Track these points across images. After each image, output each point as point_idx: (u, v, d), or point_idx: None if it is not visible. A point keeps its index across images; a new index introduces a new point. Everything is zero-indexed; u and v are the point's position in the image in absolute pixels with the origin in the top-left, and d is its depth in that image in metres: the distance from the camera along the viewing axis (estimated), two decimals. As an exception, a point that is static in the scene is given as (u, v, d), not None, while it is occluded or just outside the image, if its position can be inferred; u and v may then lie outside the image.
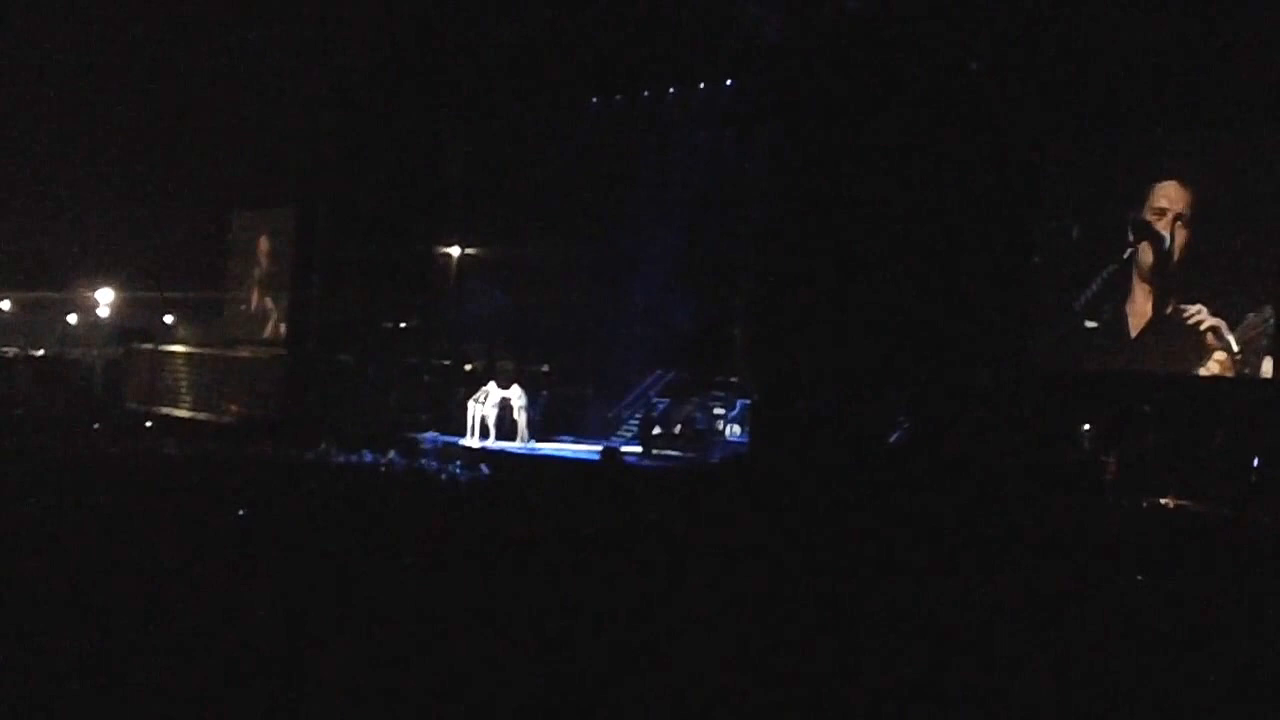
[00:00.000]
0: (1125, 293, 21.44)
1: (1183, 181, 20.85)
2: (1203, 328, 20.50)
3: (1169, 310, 20.95)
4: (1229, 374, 20.24)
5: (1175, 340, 20.83)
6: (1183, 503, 18.72)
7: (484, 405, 27.05)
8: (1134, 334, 21.35)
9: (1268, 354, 19.93)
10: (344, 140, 32.88)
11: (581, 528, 16.10)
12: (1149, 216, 21.13)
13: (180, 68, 34.91)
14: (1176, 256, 20.91)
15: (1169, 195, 20.95)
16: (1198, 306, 20.58)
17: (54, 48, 37.04)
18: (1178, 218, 20.86)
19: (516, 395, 27.10)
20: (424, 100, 31.57)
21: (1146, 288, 21.23)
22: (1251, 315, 20.11)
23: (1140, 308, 21.30)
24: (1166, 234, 20.94)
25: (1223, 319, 20.32)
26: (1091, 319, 21.74)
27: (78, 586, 10.44)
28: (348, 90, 32.11)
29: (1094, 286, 21.72)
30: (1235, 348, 20.19)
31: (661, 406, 27.29)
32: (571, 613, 10.66)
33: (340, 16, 31.81)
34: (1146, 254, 21.16)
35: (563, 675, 8.74)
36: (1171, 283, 20.95)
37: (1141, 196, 21.17)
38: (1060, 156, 22.40)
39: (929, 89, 21.84)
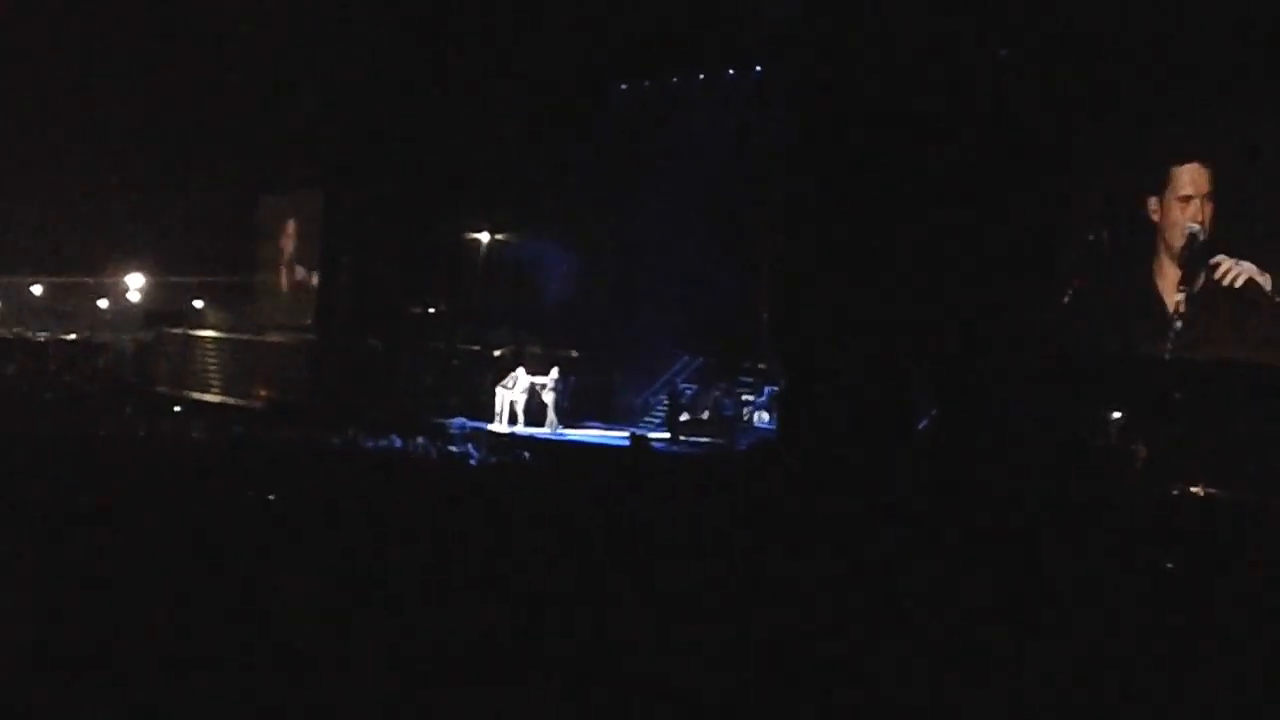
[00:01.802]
0: (1154, 271, 21.82)
1: (1203, 161, 21.32)
2: (1234, 277, 20.87)
3: (1198, 283, 21.31)
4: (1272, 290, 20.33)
5: (1210, 302, 21.15)
6: (1213, 490, 18.64)
7: (512, 391, 27.11)
8: (1169, 308, 21.66)
9: None
10: (370, 124, 32.93)
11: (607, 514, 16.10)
12: (1174, 196, 21.57)
13: (206, 53, 35.05)
14: (1203, 236, 21.26)
15: (1192, 175, 21.44)
16: (1224, 258, 20.91)
17: (83, 34, 37.24)
18: (1203, 196, 21.28)
19: (545, 381, 27.14)
20: (450, 84, 31.59)
21: (1174, 264, 21.61)
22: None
23: (1170, 283, 21.67)
24: (1194, 211, 21.35)
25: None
26: (1122, 298, 22.09)
27: (105, 572, 10.49)
28: (374, 74, 32.15)
29: (1123, 267, 22.08)
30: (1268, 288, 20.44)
31: (689, 393, 27.30)
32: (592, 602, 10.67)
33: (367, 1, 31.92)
34: (1174, 232, 21.56)
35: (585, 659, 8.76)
36: (1199, 257, 21.28)
37: (1165, 179, 21.66)
38: (1087, 138, 22.56)
39: (953, 73, 21.77)
